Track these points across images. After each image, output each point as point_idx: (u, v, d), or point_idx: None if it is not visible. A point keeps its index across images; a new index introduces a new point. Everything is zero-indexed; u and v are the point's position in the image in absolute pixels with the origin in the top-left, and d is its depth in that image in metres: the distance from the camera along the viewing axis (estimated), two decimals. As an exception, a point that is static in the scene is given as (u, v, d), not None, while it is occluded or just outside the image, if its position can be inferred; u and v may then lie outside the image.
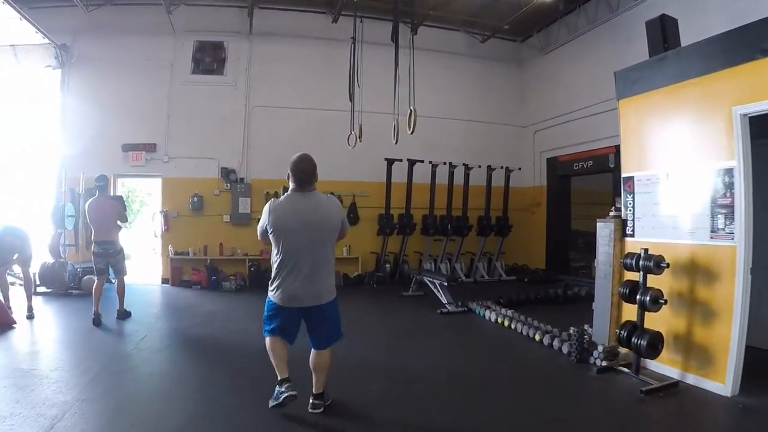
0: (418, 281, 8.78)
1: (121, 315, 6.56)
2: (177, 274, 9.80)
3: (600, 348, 4.98)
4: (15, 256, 6.57)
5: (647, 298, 4.52)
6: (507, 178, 11.26)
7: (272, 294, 3.49)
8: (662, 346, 4.56)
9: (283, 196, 3.52)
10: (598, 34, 10.15)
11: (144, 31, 10.01)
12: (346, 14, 9.93)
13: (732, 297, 4.12)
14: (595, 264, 5.67)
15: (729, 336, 4.12)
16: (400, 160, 10.21)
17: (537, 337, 5.83)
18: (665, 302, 4.52)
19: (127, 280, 6.83)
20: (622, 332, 4.70)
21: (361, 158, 9.77)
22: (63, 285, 8.34)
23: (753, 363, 4.15)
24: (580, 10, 10.53)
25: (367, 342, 5.83)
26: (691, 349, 4.50)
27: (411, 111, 6.36)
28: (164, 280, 9.90)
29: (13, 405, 3.53)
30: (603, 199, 12.70)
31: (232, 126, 10.36)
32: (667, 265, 4.53)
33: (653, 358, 4.61)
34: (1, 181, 9.76)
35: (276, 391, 3.52)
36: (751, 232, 4.08)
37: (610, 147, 9.57)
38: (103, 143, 9.68)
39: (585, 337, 5.19)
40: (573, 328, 5.65)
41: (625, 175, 5.35)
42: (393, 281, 10.36)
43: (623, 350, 4.93)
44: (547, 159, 11.61)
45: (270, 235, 3.43)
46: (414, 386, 4.33)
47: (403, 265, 10.52)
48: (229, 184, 10.22)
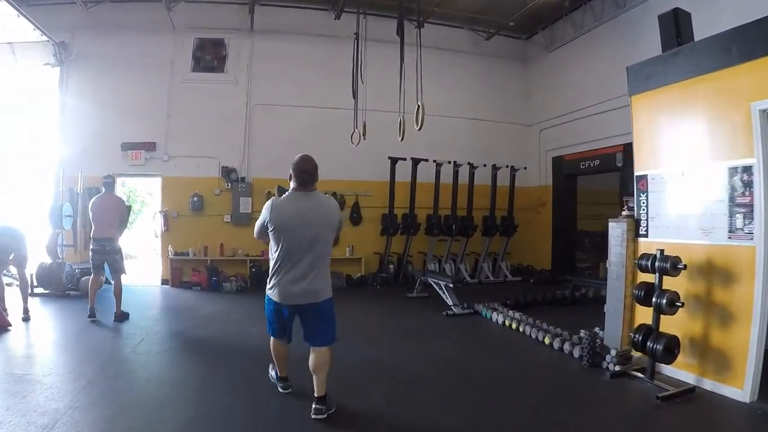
0: (422, 282, 8.61)
1: (118, 317, 6.40)
2: (177, 275, 9.66)
3: (613, 352, 4.83)
4: (11, 256, 6.41)
5: (663, 301, 4.38)
6: (512, 178, 11.10)
7: (270, 291, 3.58)
8: (678, 351, 4.41)
9: (284, 195, 3.57)
10: (605, 31, 10.00)
11: (143, 28, 9.87)
12: (349, 11, 9.80)
13: (751, 299, 3.98)
14: (606, 265, 5.51)
15: (747, 340, 3.97)
16: (404, 159, 10.03)
17: (546, 341, 5.68)
18: (682, 305, 4.37)
19: (126, 280, 6.72)
20: (636, 336, 4.54)
21: (364, 157, 9.62)
22: (61, 286, 8.19)
23: (772, 368, 3.97)
24: (586, 6, 10.38)
25: (371, 344, 5.70)
26: (708, 354, 4.35)
27: (419, 106, 6.19)
28: (164, 281, 9.75)
29: (3, 413, 3.38)
30: (609, 198, 12.60)
31: (232, 124, 10.21)
32: (685, 266, 4.38)
33: (669, 363, 4.47)
34: (-1, 181, 9.65)
35: (275, 376, 4.03)
36: (772, 231, 3.91)
37: (618, 146, 9.46)
38: (102, 142, 9.54)
39: (597, 340, 5.03)
40: (583, 331, 5.53)
41: (638, 173, 5.20)
42: (396, 282, 10.20)
43: (636, 354, 4.77)
44: (553, 158, 11.46)
45: (270, 233, 3.48)
46: (419, 389, 4.22)
47: (407, 266, 10.37)
48: (229, 184, 10.07)
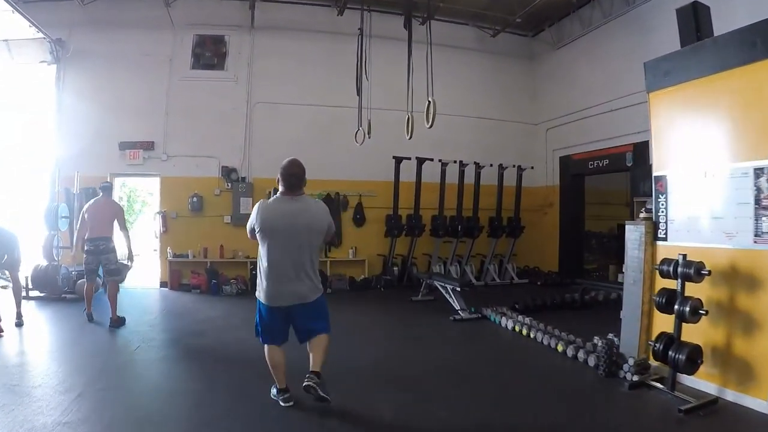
0: (428, 285, 8.39)
1: (114, 323, 6.18)
2: (176, 278, 9.44)
3: (631, 361, 4.60)
4: (4, 259, 6.19)
5: (686, 309, 4.13)
6: (519, 177, 10.86)
7: (258, 293, 3.64)
8: (702, 361, 4.17)
9: (272, 198, 3.66)
10: (614, 28, 9.78)
11: (142, 24, 9.65)
12: (352, 7, 9.57)
13: (777, 306, 3.73)
14: (623, 269, 5.28)
15: (772, 349, 3.73)
16: (409, 159, 9.82)
17: (559, 348, 5.44)
18: (706, 313, 4.13)
19: (124, 282, 6.53)
20: (657, 345, 4.30)
21: (367, 156, 9.43)
22: (56, 289, 7.97)
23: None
24: (594, 3, 10.17)
25: (377, 350, 5.51)
26: (731, 363, 4.13)
27: (430, 102, 5.94)
28: (162, 284, 9.54)
29: (-14, 429, 3.16)
30: (616, 199, 12.41)
31: (233, 123, 9.99)
32: (709, 272, 4.14)
33: (692, 373, 4.22)
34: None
35: (275, 393, 3.78)
36: (802, 236, 3.67)
37: (628, 145, 9.26)
38: (100, 141, 9.33)
39: (613, 348, 4.81)
40: (597, 337, 5.37)
41: (656, 173, 4.97)
42: (401, 285, 9.97)
43: (653, 362, 4.55)
44: (560, 158, 11.23)
45: (257, 235, 3.56)
46: (428, 400, 4.02)
47: (412, 268, 10.16)
48: (229, 184, 9.86)
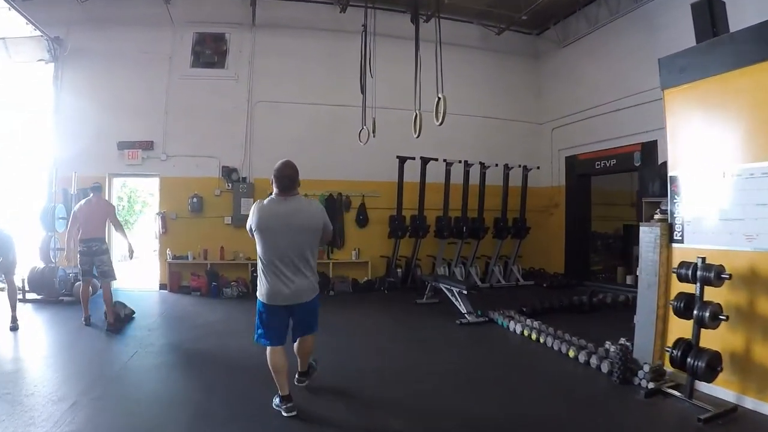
0: (433, 288, 8.21)
1: (111, 327, 6.02)
2: (175, 280, 9.25)
3: (646, 367, 4.43)
4: (-1, 260, 6.05)
5: (706, 314, 3.98)
6: (524, 178, 10.69)
7: (259, 293, 3.68)
8: (721, 368, 4.01)
9: (267, 199, 3.69)
10: (621, 26, 9.59)
11: (141, 22, 9.47)
12: (355, 4, 9.38)
13: (799, 311, 3.57)
14: (636, 272, 5.11)
15: (794, 355, 3.57)
16: (413, 158, 9.64)
17: (571, 354, 5.27)
18: (726, 318, 3.96)
19: (124, 285, 6.41)
20: (674, 352, 4.16)
21: (371, 156, 9.25)
22: (53, 291, 7.80)
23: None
24: (601, 0, 9.97)
25: (383, 356, 5.33)
26: (750, 370, 3.98)
27: (440, 98, 5.75)
28: (162, 286, 9.35)
29: (-28, 443, 2.99)
30: (622, 199, 12.25)
31: (233, 122, 9.80)
32: (729, 276, 3.98)
33: (711, 381, 4.06)
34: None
35: (278, 403, 3.70)
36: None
37: (636, 144, 9.11)
38: (98, 141, 9.16)
39: (628, 354, 4.63)
40: (609, 342, 5.18)
41: (672, 173, 4.80)
42: (405, 287, 9.79)
43: (668, 368, 4.41)
44: (566, 157, 11.05)
45: (254, 235, 3.64)
46: (437, 409, 3.89)
47: (416, 270, 9.97)
48: (230, 184, 9.67)
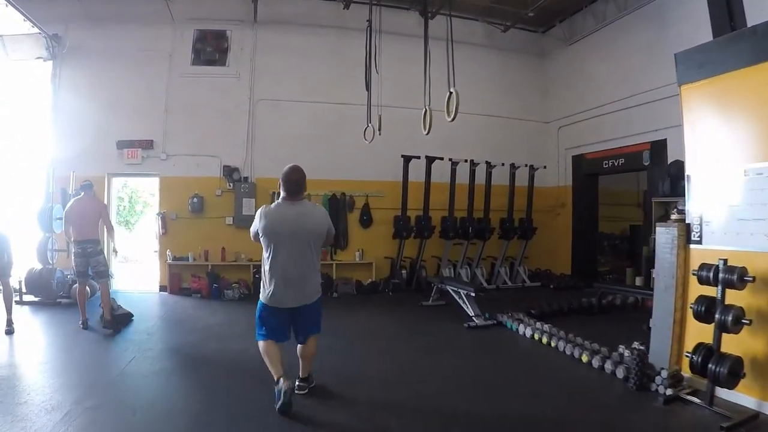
0: (439, 290, 8.04)
1: (108, 324, 5.94)
2: (176, 281, 9.08)
3: (664, 373, 4.26)
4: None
5: (728, 318, 3.82)
6: (531, 177, 10.51)
7: (263, 296, 3.75)
8: (744, 374, 3.84)
9: (274, 204, 3.79)
10: (630, 22, 9.40)
11: (140, 19, 9.31)
12: (358, 1, 9.25)
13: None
14: (653, 274, 4.94)
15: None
16: (418, 158, 9.47)
17: (584, 358, 5.10)
18: (749, 322, 3.79)
19: (124, 286, 6.28)
20: (695, 357, 3.98)
21: (375, 155, 9.09)
22: (51, 293, 7.64)
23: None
24: (609, -3, 9.82)
25: (390, 362, 5.15)
26: (772, 375, 3.80)
27: (451, 93, 5.55)
28: (162, 288, 9.18)
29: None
30: (626, 199, 12.09)
31: (235, 121, 9.63)
32: (753, 278, 3.81)
33: (732, 387, 3.89)
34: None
35: (276, 392, 3.64)
36: None
37: (644, 143, 8.94)
38: (97, 140, 8.98)
39: (645, 359, 4.47)
40: (622, 346, 5.03)
41: (689, 172, 4.64)
42: (409, 289, 9.60)
43: (686, 374, 4.26)
44: (573, 157, 10.88)
45: (261, 240, 3.71)
46: (448, 418, 3.72)
47: (421, 271, 9.79)
48: (231, 184, 9.49)
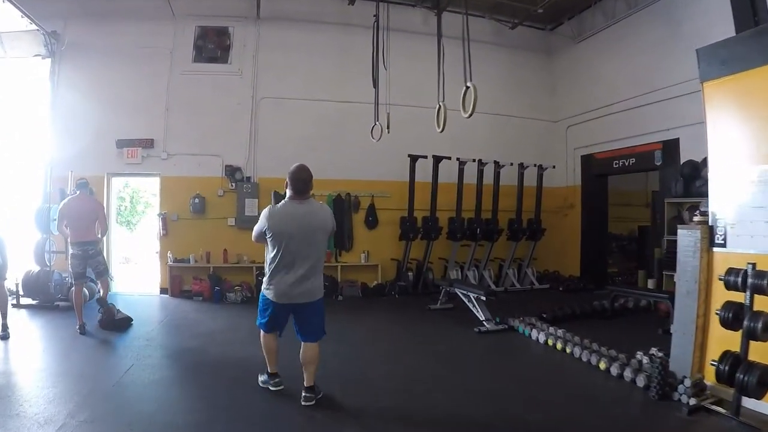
0: (447, 293, 7.84)
1: (106, 313, 6.19)
2: (177, 284, 8.88)
3: (687, 382, 4.05)
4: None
5: (758, 325, 3.62)
6: (539, 177, 10.31)
7: (267, 291, 3.86)
8: (774, 384, 3.64)
9: (281, 203, 3.84)
10: (640, 19, 9.19)
11: (141, 16, 9.13)
12: (364, -3, 9.08)
13: None
14: (675, 278, 4.74)
15: None
16: (425, 157, 9.26)
17: (602, 366, 4.90)
18: (780, 330, 3.60)
19: (124, 289, 6.21)
20: (722, 366, 3.78)
21: (381, 155, 8.92)
22: (48, 296, 7.44)
23: None
24: (619, -7, 9.62)
25: (399, 370, 4.95)
26: (801, 385, 3.60)
27: (468, 87, 5.31)
28: (162, 290, 8.98)
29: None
30: (635, 200, 11.89)
31: (237, 119, 9.44)
32: (785, 283, 3.61)
33: (761, 397, 3.70)
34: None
35: (266, 378, 4.17)
36: None
37: (656, 143, 8.74)
38: (96, 139, 8.79)
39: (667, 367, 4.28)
40: (640, 353, 4.87)
41: (712, 172, 4.47)
42: (416, 291, 9.41)
43: (708, 382, 4.08)
44: (582, 156, 10.67)
45: (268, 238, 3.78)
46: None
47: (428, 273, 9.60)
48: (234, 184, 9.30)
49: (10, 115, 9.09)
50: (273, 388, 4.08)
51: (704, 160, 7.27)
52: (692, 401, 3.93)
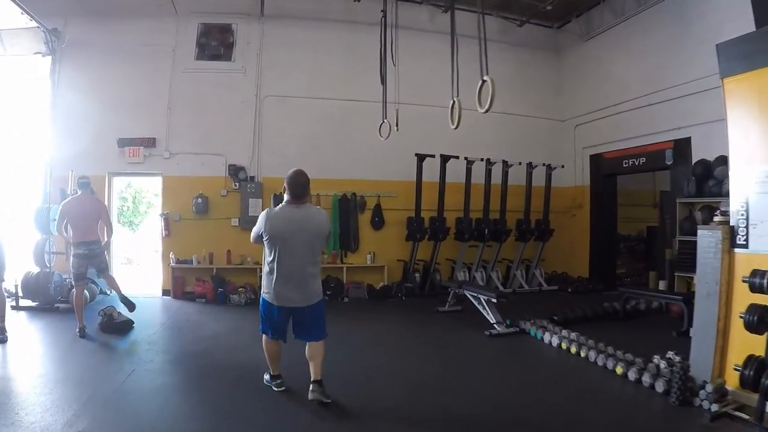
0: (455, 295, 7.69)
1: (124, 300, 6.30)
2: (179, 285, 8.74)
3: (709, 387, 3.91)
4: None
5: (784, 328, 3.47)
6: (548, 177, 10.16)
7: (266, 294, 3.92)
8: (800, 390, 3.49)
9: (278, 206, 3.90)
10: (650, 17, 9.06)
11: (142, 13, 9.02)
12: (369, -6, 8.95)
13: None
14: (694, 281, 4.60)
15: None
16: (432, 156, 9.12)
17: (619, 370, 4.75)
18: (807, 334, 3.46)
19: (126, 290, 6.40)
20: (746, 371, 3.64)
21: (387, 154, 8.78)
22: (48, 298, 7.31)
23: None
24: (628, -10, 9.47)
25: (407, 375, 4.81)
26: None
27: (485, 81, 5.25)
28: (165, 292, 8.86)
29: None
30: (642, 199, 11.73)
31: (240, 118, 9.30)
32: (812, 286, 3.46)
33: (788, 403, 3.54)
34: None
35: (269, 379, 4.24)
36: None
37: (667, 142, 8.59)
38: (97, 138, 8.67)
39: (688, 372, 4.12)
40: (657, 357, 4.73)
41: (733, 171, 4.34)
42: (423, 293, 9.26)
43: (730, 387, 3.94)
44: (590, 156, 10.52)
45: (264, 241, 3.84)
46: None
47: (435, 275, 9.45)
48: (237, 184, 9.15)
49: (10, 113, 9.01)
50: (275, 389, 4.13)
51: (717, 160, 7.17)
52: (714, 407, 3.81)
